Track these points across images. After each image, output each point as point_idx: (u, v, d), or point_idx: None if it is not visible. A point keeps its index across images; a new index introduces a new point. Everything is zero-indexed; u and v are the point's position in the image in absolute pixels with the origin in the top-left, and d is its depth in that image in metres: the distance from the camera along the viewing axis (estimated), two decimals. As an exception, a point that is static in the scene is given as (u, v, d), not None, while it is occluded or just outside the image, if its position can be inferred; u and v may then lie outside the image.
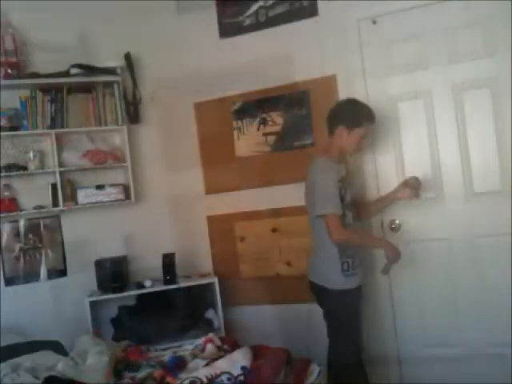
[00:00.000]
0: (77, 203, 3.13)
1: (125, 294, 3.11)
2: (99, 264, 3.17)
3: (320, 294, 2.60)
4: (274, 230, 3.28)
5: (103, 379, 2.10)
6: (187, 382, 2.01)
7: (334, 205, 2.47)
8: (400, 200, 2.81)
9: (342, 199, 2.52)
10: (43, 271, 3.18)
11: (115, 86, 3.23)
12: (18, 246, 3.14)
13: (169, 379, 2.12)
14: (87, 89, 3.18)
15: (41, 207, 3.10)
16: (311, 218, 2.60)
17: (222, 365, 2.10)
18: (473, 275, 2.88)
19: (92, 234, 3.27)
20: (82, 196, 3.14)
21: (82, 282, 3.20)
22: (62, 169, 3.11)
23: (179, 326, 3.19)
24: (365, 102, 2.71)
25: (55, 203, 3.10)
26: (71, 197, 3.16)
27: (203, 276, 3.32)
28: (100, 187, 3.17)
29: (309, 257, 2.70)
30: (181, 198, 3.48)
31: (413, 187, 2.71)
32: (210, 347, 2.37)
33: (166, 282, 3.13)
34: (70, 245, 3.24)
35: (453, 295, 2.93)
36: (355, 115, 2.59)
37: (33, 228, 3.17)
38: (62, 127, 3.12)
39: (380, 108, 3.01)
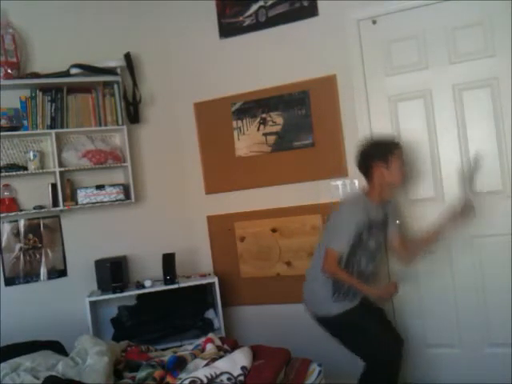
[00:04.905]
0: (77, 203, 3.13)
1: (125, 293, 3.11)
2: (99, 264, 3.17)
3: (320, 322, 2.60)
4: (274, 230, 3.28)
5: (103, 379, 2.10)
6: (187, 382, 2.01)
7: (339, 243, 2.48)
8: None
9: (360, 241, 2.50)
10: (43, 271, 3.18)
11: (115, 86, 3.23)
12: (18, 246, 3.14)
13: (169, 379, 2.12)
14: (87, 89, 3.18)
15: (41, 207, 3.09)
16: (322, 241, 2.63)
17: (222, 365, 2.10)
18: (473, 275, 2.88)
19: (92, 234, 3.28)
20: (82, 196, 3.14)
21: (82, 282, 3.21)
22: (62, 169, 3.11)
23: (179, 326, 3.19)
24: (384, 135, 2.74)
25: (55, 203, 3.10)
26: (71, 197, 3.16)
27: (203, 276, 3.32)
28: (100, 187, 3.17)
29: (304, 283, 2.70)
30: (181, 198, 3.48)
31: (465, 213, 2.61)
32: (210, 347, 2.37)
33: (166, 282, 3.13)
34: (70, 245, 3.24)
35: (453, 295, 2.93)
36: (384, 147, 2.59)
37: (33, 228, 3.17)
38: (62, 127, 3.12)
39: (380, 108, 3.03)
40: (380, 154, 2.57)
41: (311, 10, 3.13)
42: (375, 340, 2.50)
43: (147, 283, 3.14)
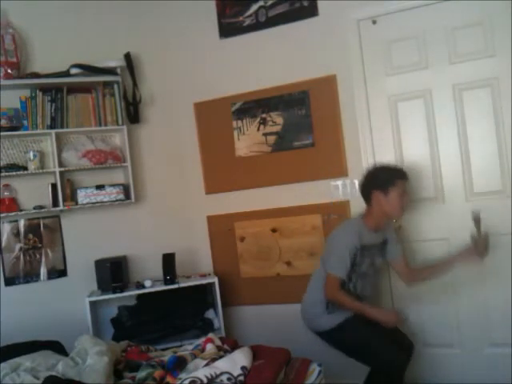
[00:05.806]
0: (77, 203, 3.13)
1: (125, 293, 3.11)
2: (99, 264, 3.17)
3: (321, 337, 2.61)
4: (274, 230, 3.28)
5: (103, 379, 2.10)
6: (187, 382, 2.01)
7: (338, 267, 2.50)
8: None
9: (354, 265, 2.53)
10: (43, 271, 3.18)
11: (115, 86, 3.22)
12: (18, 246, 3.14)
13: (169, 379, 2.12)
14: (87, 89, 3.18)
15: (41, 207, 3.09)
16: (321, 264, 2.66)
17: (222, 365, 2.10)
18: (473, 275, 2.88)
19: (92, 234, 3.28)
20: (82, 196, 3.14)
21: (82, 282, 3.21)
22: (62, 169, 3.11)
23: (179, 326, 3.19)
24: (393, 164, 2.74)
25: (55, 203, 3.10)
26: (71, 197, 3.16)
27: (203, 276, 3.32)
28: (100, 187, 3.17)
29: (302, 302, 2.73)
30: (181, 198, 3.48)
31: (479, 252, 2.58)
32: (210, 347, 2.37)
33: (166, 282, 3.13)
34: (70, 245, 3.24)
35: (453, 295, 2.93)
36: (386, 176, 2.57)
37: (33, 228, 3.17)
38: (62, 127, 3.12)
39: (380, 108, 3.03)
40: (381, 182, 2.56)
41: (311, 10, 3.13)
42: (377, 348, 2.48)
43: (147, 283, 3.14)
